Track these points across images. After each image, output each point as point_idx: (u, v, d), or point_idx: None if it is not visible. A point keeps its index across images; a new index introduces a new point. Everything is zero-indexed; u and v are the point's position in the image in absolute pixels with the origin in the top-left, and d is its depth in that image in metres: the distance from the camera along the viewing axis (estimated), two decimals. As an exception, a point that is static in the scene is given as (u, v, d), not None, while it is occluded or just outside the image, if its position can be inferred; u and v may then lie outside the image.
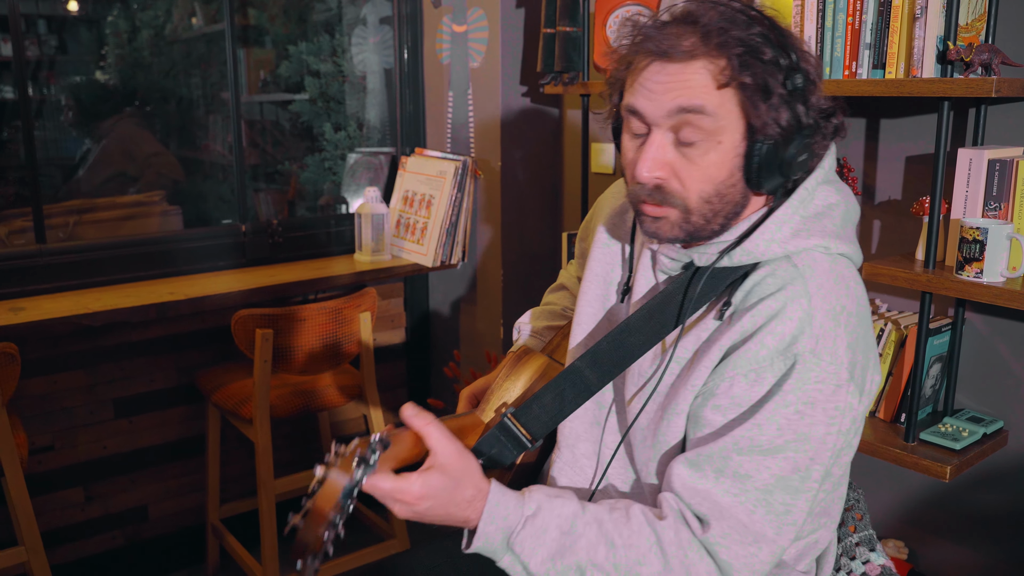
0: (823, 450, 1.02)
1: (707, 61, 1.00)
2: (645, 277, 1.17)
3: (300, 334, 2.38)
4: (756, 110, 1.01)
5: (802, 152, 1.04)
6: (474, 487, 1.02)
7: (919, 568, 2.02)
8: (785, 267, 1.05)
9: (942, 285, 1.70)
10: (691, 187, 1.04)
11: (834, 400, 1.01)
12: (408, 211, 2.86)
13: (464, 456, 1.03)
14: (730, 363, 1.03)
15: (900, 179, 1.98)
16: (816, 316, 1.01)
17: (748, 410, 1.02)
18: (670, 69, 1.01)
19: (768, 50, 1.00)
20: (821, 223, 1.08)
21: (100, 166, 3.69)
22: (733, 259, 1.07)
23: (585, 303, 1.25)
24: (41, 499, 2.48)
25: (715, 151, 1.03)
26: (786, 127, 1.02)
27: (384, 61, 3.27)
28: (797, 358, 1.00)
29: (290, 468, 2.90)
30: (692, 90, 1.00)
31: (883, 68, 1.76)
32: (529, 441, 1.13)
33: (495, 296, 2.84)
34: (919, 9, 1.68)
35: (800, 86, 1.02)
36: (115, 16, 4.85)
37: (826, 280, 1.04)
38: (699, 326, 1.09)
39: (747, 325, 1.03)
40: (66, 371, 2.50)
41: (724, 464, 1.02)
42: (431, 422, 1.02)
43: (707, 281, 1.08)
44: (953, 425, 1.84)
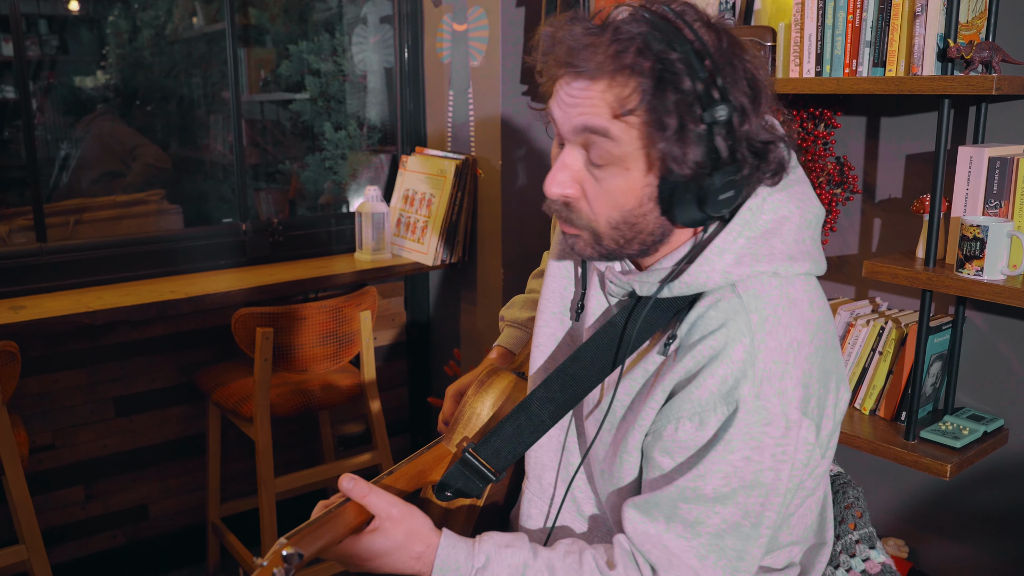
0: (774, 494, 0.98)
1: (613, 83, 0.91)
2: (596, 298, 1.13)
3: (300, 333, 2.38)
4: (658, 144, 0.92)
5: (726, 189, 0.94)
6: (423, 543, 1.03)
7: (919, 566, 2.02)
8: (729, 299, 0.98)
9: (942, 283, 1.70)
10: (598, 211, 0.98)
11: (784, 443, 0.96)
12: (409, 210, 2.86)
13: (408, 516, 1.03)
14: (675, 405, 0.98)
15: (901, 177, 1.98)
16: (760, 356, 0.95)
17: (693, 456, 0.98)
18: (578, 84, 0.93)
19: (686, 78, 0.90)
20: (769, 244, 0.99)
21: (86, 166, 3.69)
22: (673, 290, 1.00)
23: (543, 322, 1.20)
24: (41, 498, 2.48)
25: (622, 177, 0.95)
26: (699, 163, 0.92)
27: (384, 60, 3.27)
28: (739, 403, 0.94)
29: (290, 467, 2.91)
30: (596, 111, 0.93)
31: (883, 66, 1.76)
32: (493, 474, 1.12)
33: (495, 295, 2.84)
34: (919, 7, 1.68)
35: (723, 119, 0.91)
36: (116, 16, 4.85)
37: (773, 311, 0.97)
38: (646, 359, 1.04)
39: (689, 364, 0.97)
40: (66, 370, 2.50)
41: (672, 511, 0.99)
42: (369, 492, 1.03)
43: (651, 312, 1.02)
44: (953, 423, 1.84)
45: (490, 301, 2.87)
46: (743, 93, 0.93)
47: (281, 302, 2.58)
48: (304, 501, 2.98)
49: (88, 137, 3.68)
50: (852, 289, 2.11)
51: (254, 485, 2.86)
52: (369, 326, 2.51)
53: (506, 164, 2.74)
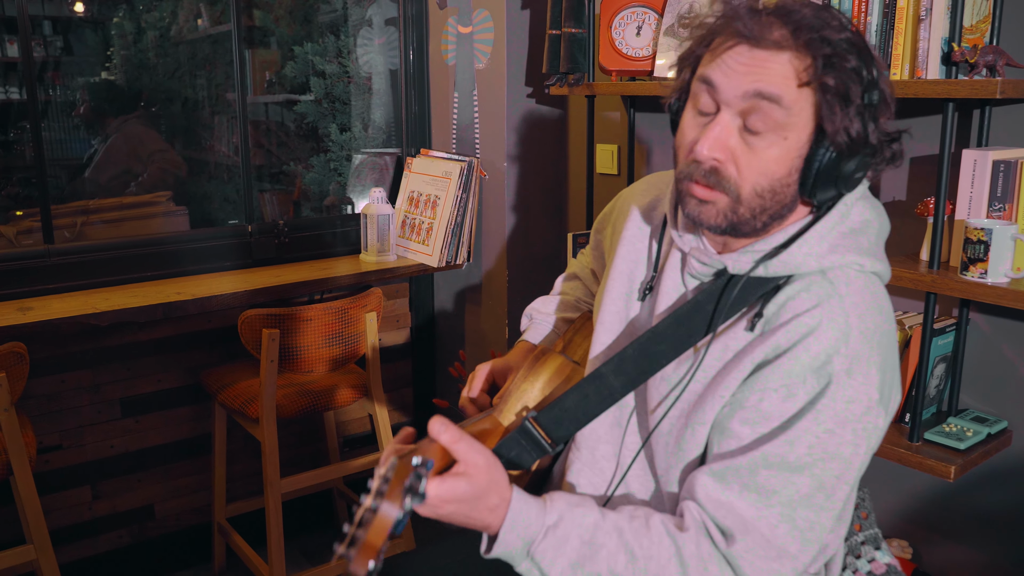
0: (850, 470, 1.02)
1: (793, 55, 0.99)
2: (672, 279, 1.16)
3: (306, 334, 2.39)
4: (831, 115, 1.00)
5: (861, 169, 1.04)
6: (498, 496, 1.01)
7: (923, 567, 2.03)
8: (820, 283, 1.04)
9: (946, 286, 1.71)
10: (747, 177, 1.03)
11: (864, 421, 1.01)
12: (413, 212, 2.87)
13: (492, 467, 1.01)
14: (761, 377, 1.03)
15: (905, 180, 1.98)
16: (852, 336, 1.01)
17: (779, 426, 1.01)
18: (755, 54, 1.00)
19: (853, 59, 1.00)
20: (857, 240, 1.07)
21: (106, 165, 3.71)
22: (769, 269, 1.06)
23: (609, 301, 1.23)
24: (48, 498, 2.50)
25: (779, 146, 1.02)
26: (854, 139, 1.01)
27: (389, 62, 3.28)
28: (832, 377, 1.00)
29: (295, 467, 2.92)
30: (773, 78, 1.00)
31: (888, 69, 1.76)
32: (550, 445, 1.13)
33: (500, 296, 2.85)
34: (924, 11, 1.69)
35: (875, 102, 1.01)
36: (120, 17, 4.86)
37: (861, 299, 1.04)
38: (728, 335, 1.08)
39: (781, 340, 1.02)
40: (73, 371, 2.51)
41: (751, 478, 1.01)
42: (460, 438, 0.99)
43: (739, 291, 1.07)
44: (957, 425, 1.84)
45: (495, 302, 2.88)
46: (886, 84, 1.04)
47: (287, 303, 2.59)
48: (309, 502, 2.99)
49: (115, 137, 3.70)
50: (856, 291, 2.11)
51: (259, 485, 2.88)
52: (374, 327, 2.52)
53: (511, 166, 2.75)
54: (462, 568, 1.32)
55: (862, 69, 1.00)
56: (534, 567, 1.02)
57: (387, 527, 0.86)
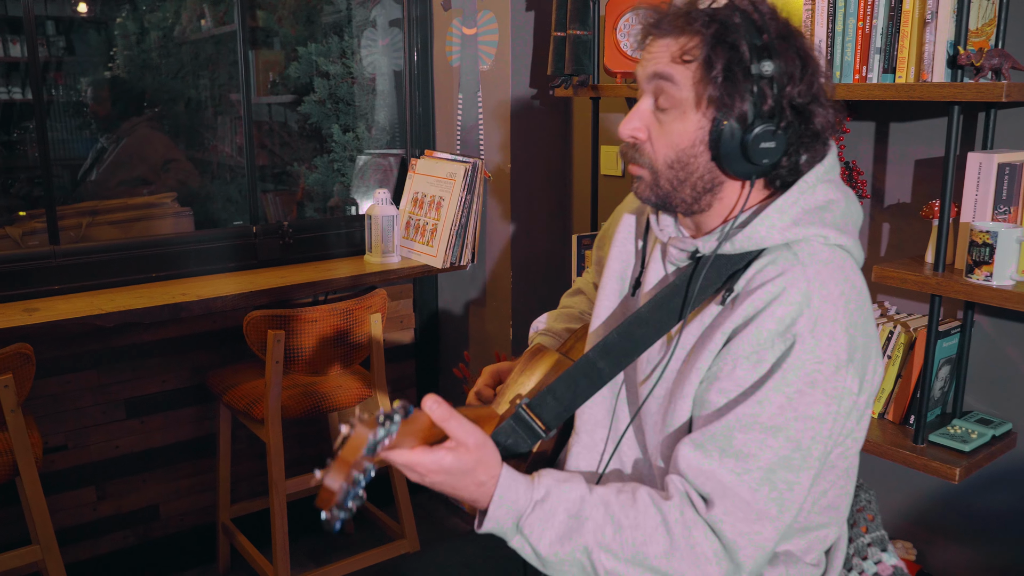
0: (822, 429, 1.05)
1: (683, 37, 1.09)
2: (655, 269, 1.22)
3: (311, 335, 2.39)
4: (708, 86, 1.07)
5: (766, 138, 1.08)
6: (487, 473, 1.06)
7: (927, 569, 2.03)
8: (785, 255, 1.09)
9: (952, 288, 1.71)
10: (659, 150, 1.13)
11: (833, 380, 1.05)
12: (418, 213, 2.88)
13: (481, 446, 1.05)
14: (732, 347, 1.07)
15: (910, 182, 1.99)
16: (813, 299, 1.05)
17: (749, 389, 1.05)
18: (657, 42, 1.12)
19: (743, 40, 1.06)
20: (821, 215, 1.11)
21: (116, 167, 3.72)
22: (735, 245, 1.11)
23: (603, 297, 1.30)
24: (53, 498, 2.50)
25: (681, 120, 1.10)
26: (743, 111, 1.07)
27: (393, 63, 3.29)
28: (796, 337, 1.04)
29: (300, 468, 2.92)
30: (664, 59, 1.10)
31: (893, 72, 1.77)
32: (543, 431, 1.17)
33: (504, 297, 2.85)
34: (929, 14, 1.69)
35: (768, 73, 1.06)
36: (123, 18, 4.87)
37: (823, 268, 1.08)
38: (703, 313, 1.13)
39: (748, 309, 1.07)
40: (79, 371, 2.52)
41: (727, 443, 1.05)
42: (451, 416, 1.04)
43: (711, 270, 1.13)
44: (962, 427, 1.85)
45: (499, 304, 2.88)
46: (793, 63, 1.08)
47: (291, 304, 2.59)
48: (313, 503, 2.99)
49: (128, 139, 3.71)
50: (861, 293, 2.12)
51: (264, 486, 2.88)
52: (379, 328, 2.53)
53: (515, 167, 2.76)
54: (466, 570, 1.33)
55: (752, 44, 1.06)
56: (524, 542, 1.06)
57: (360, 446, 0.91)
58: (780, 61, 1.08)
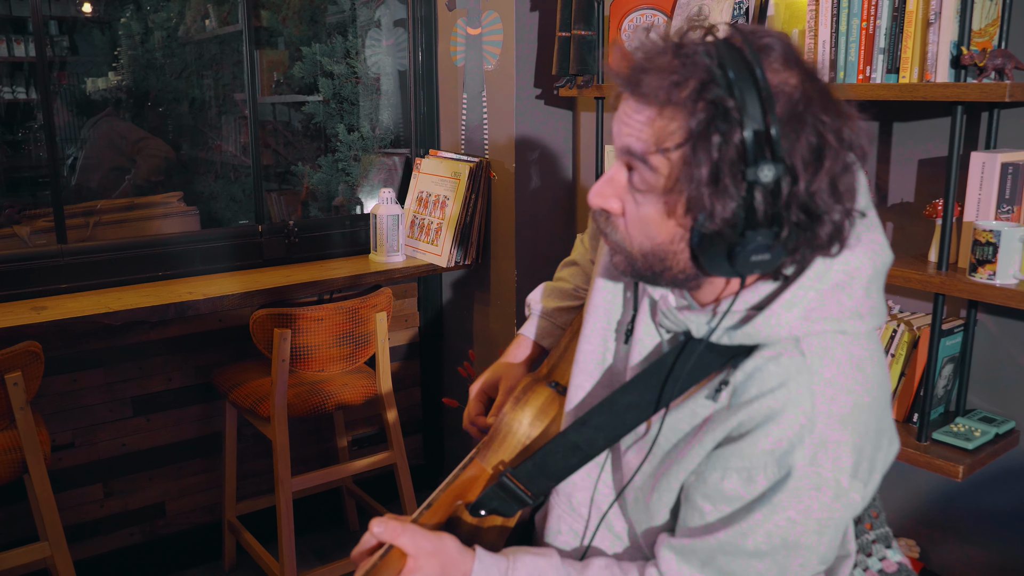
0: (812, 555, 0.97)
1: (662, 114, 0.88)
2: (647, 326, 1.09)
3: (317, 333, 2.41)
4: (688, 190, 0.88)
5: (759, 251, 0.88)
6: (459, 573, 1.04)
7: (930, 567, 2.04)
8: (791, 354, 0.94)
9: (955, 287, 1.72)
10: (632, 235, 0.96)
11: (831, 509, 0.94)
12: (423, 212, 2.89)
13: (440, 551, 1.03)
14: (723, 455, 0.97)
15: (913, 181, 2.00)
16: (818, 423, 0.92)
17: (738, 511, 0.96)
18: (632, 105, 0.91)
19: (737, 128, 0.84)
20: (838, 299, 0.94)
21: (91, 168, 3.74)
22: (733, 338, 0.96)
23: (586, 338, 1.18)
24: (61, 495, 2.52)
25: (657, 208, 0.92)
26: (728, 220, 0.87)
27: (398, 63, 3.30)
28: (791, 469, 0.92)
29: (304, 466, 2.94)
30: (640, 137, 0.90)
31: (897, 73, 1.78)
32: (530, 498, 1.13)
33: (509, 297, 2.86)
34: (933, 14, 1.70)
35: (767, 180, 0.85)
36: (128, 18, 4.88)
37: (837, 373, 0.93)
38: (695, 399, 1.01)
39: (744, 419, 0.95)
40: (86, 369, 2.53)
41: (710, 560, 0.99)
42: (401, 532, 1.02)
43: (704, 352, 0.99)
44: (965, 425, 1.86)
45: (503, 302, 2.89)
46: (802, 154, 0.86)
47: (297, 303, 2.61)
48: (318, 500, 3.01)
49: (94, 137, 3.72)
50: (864, 292, 2.13)
51: (270, 484, 2.90)
52: (384, 327, 2.54)
53: (519, 167, 2.77)
54: None
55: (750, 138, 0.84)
56: None
57: None
58: (786, 155, 0.85)
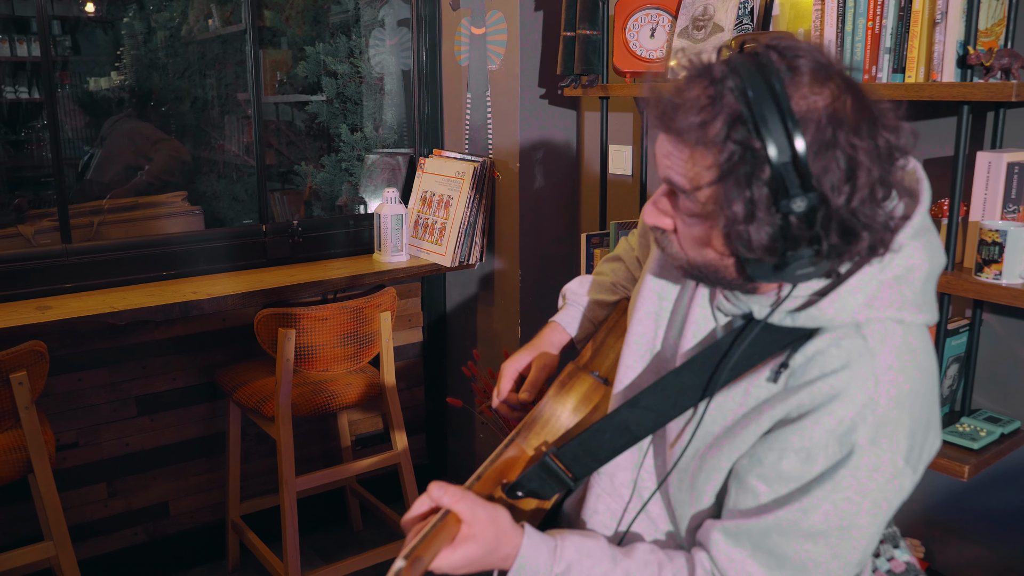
0: (863, 538, 0.99)
1: (695, 153, 0.92)
2: (703, 310, 1.12)
3: (321, 333, 2.41)
4: (724, 225, 0.92)
5: (802, 266, 0.92)
6: (509, 545, 1.03)
7: (935, 567, 2.04)
8: (852, 339, 0.97)
9: (961, 287, 1.72)
10: (687, 249, 1.01)
11: (886, 490, 0.97)
12: (426, 212, 2.89)
13: (496, 521, 1.03)
14: (781, 436, 0.98)
15: (918, 181, 1.99)
16: (880, 402, 0.95)
17: (795, 491, 0.98)
18: (668, 143, 0.95)
19: (767, 166, 0.87)
20: (899, 290, 0.98)
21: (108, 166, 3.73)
22: (796, 320, 0.99)
23: (638, 320, 1.20)
24: (65, 495, 2.52)
25: (701, 227, 0.97)
26: (767, 247, 0.91)
27: (402, 63, 3.30)
28: (854, 447, 0.95)
29: (308, 465, 2.94)
30: (678, 172, 0.95)
31: (903, 72, 1.78)
32: (571, 480, 1.13)
33: (513, 296, 2.86)
34: (939, 14, 1.70)
35: (800, 211, 0.88)
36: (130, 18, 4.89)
37: (896, 359, 0.97)
38: (750, 382, 1.03)
39: (804, 400, 0.97)
40: (90, 369, 2.53)
41: (762, 540, 0.99)
42: (459, 499, 1.01)
43: (763, 335, 1.02)
44: (971, 425, 1.86)
45: (507, 302, 2.89)
46: (833, 177, 0.88)
47: (301, 303, 2.61)
48: (322, 500, 3.01)
49: (113, 135, 3.72)
50: (869, 292, 2.13)
51: (273, 483, 2.90)
52: (389, 327, 2.54)
53: (524, 166, 2.77)
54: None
55: (781, 172, 0.87)
56: None
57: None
58: (817, 183, 0.88)
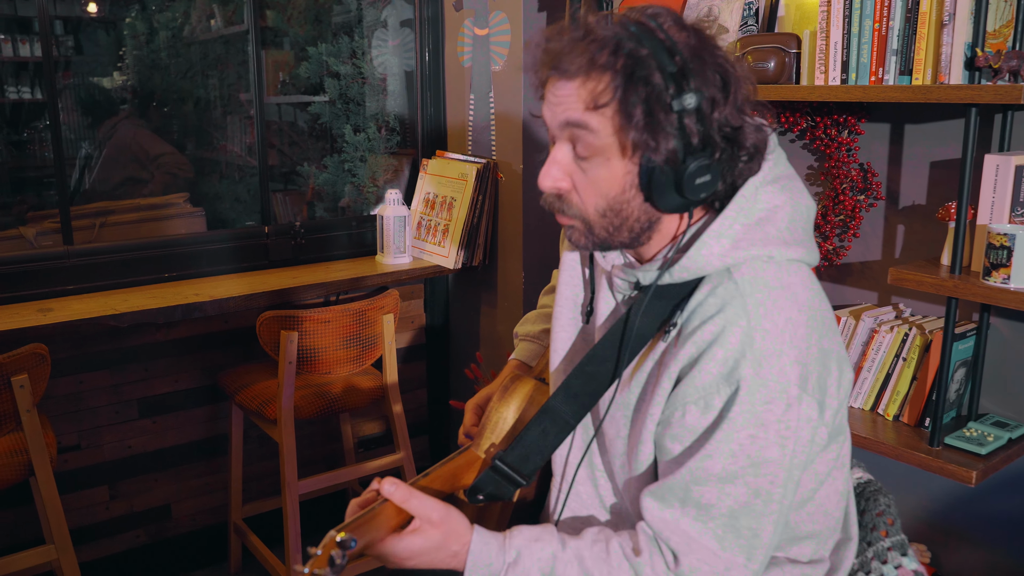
0: (780, 469, 1.02)
1: (588, 80, 1.00)
2: (605, 299, 1.18)
3: (324, 335, 2.40)
4: (630, 134, 0.99)
5: (701, 173, 1.01)
6: (458, 542, 1.07)
7: (942, 573, 2.03)
8: (725, 284, 1.03)
9: (969, 291, 1.71)
10: (587, 200, 1.06)
11: (786, 419, 1.00)
12: (429, 213, 2.88)
13: (446, 519, 1.07)
14: (680, 392, 1.03)
15: (925, 184, 1.98)
16: (755, 337, 1.00)
17: (700, 438, 1.02)
18: (563, 85, 1.02)
19: (656, 72, 0.98)
20: (764, 230, 1.05)
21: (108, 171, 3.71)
22: (673, 275, 1.06)
23: (559, 328, 1.26)
24: (66, 497, 2.50)
25: (604, 167, 1.03)
26: (671, 149, 1.00)
27: (405, 63, 3.28)
28: (740, 382, 0.99)
29: (310, 468, 2.93)
30: (575, 106, 1.01)
31: (910, 74, 1.77)
32: (523, 478, 1.16)
33: (516, 298, 2.85)
34: (947, 15, 1.69)
35: (691, 107, 0.98)
36: (133, 18, 4.88)
37: (768, 295, 1.02)
38: (653, 349, 1.09)
39: (691, 350, 1.02)
40: (92, 371, 2.52)
41: (686, 495, 1.03)
42: (410, 496, 1.06)
43: (654, 302, 1.08)
44: (978, 430, 1.84)
45: (511, 304, 2.88)
46: (713, 84, 1.00)
47: (304, 305, 2.60)
48: (325, 503, 3.00)
49: (111, 141, 3.70)
50: (875, 295, 2.12)
51: (276, 486, 2.89)
52: (392, 329, 2.53)
53: (527, 168, 2.76)
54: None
55: (668, 77, 0.98)
56: None
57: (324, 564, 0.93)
58: (700, 86, 0.99)
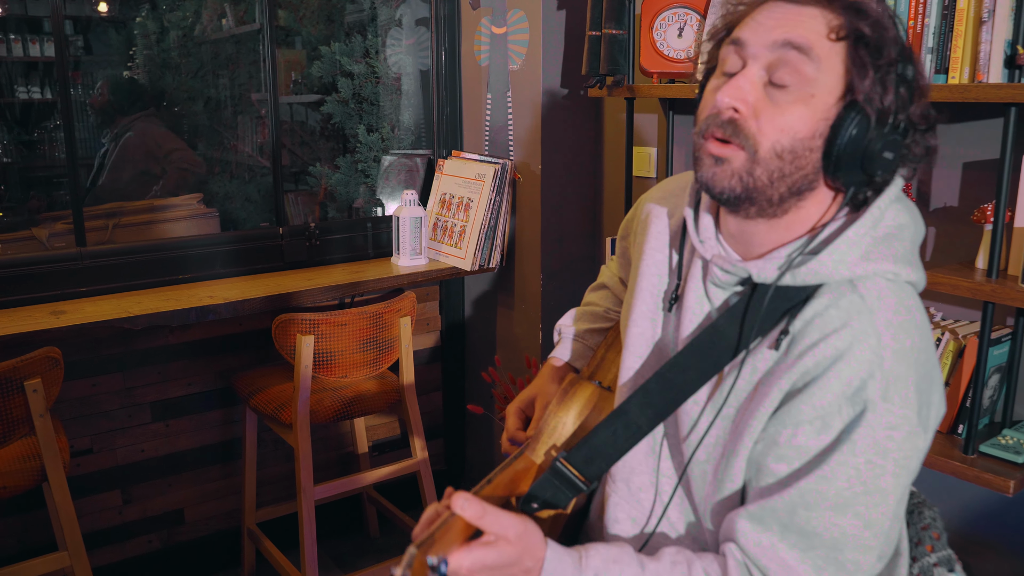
0: (891, 502, 0.96)
1: (828, 11, 0.95)
2: (695, 291, 1.09)
3: (340, 339, 2.36)
4: (863, 75, 0.94)
5: (890, 148, 0.95)
6: (532, 558, 0.98)
7: (974, 582, 1.98)
8: (849, 296, 0.96)
9: (1007, 295, 1.66)
10: (767, 132, 0.95)
11: (904, 448, 0.94)
12: (445, 214, 2.84)
13: (523, 535, 0.97)
14: (793, 409, 0.96)
15: (957, 185, 1.94)
16: (886, 357, 0.93)
17: (814, 459, 0.95)
18: (788, 8, 0.96)
19: (892, 30, 0.96)
20: (890, 246, 0.99)
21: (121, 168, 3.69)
22: (797, 277, 0.98)
23: (634, 323, 1.17)
24: (79, 502, 2.47)
25: (805, 103, 0.95)
26: (885, 109, 0.94)
27: (420, 63, 3.25)
28: (867, 404, 0.93)
29: (323, 472, 2.89)
30: (805, 29, 0.95)
31: (946, 73, 1.72)
32: (584, 484, 1.10)
33: (534, 300, 2.81)
34: (986, 12, 1.64)
35: (911, 78, 0.96)
36: (143, 17, 4.85)
37: (895, 315, 0.96)
38: (755, 355, 1.01)
39: (810, 366, 0.95)
40: (105, 374, 2.49)
41: (790, 519, 0.96)
42: (484, 513, 0.95)
43: (758, 304, 1.00)
44: (1014, 437, 1.80)
45: (528, 307, 2.84)
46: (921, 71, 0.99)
47: (319, 308, 2.56)
48: (338, 507, 2.96)
49: (126, 138, 3.67)
50: (905, 299, 2.07)
51: (290, 490, 2.85)
52: (408, 332, 2.49)
53: (546, 169, 2.71)
54: None
55: (900, 40, 0.96)
56: None
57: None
58: (919, 71, 0.97)
